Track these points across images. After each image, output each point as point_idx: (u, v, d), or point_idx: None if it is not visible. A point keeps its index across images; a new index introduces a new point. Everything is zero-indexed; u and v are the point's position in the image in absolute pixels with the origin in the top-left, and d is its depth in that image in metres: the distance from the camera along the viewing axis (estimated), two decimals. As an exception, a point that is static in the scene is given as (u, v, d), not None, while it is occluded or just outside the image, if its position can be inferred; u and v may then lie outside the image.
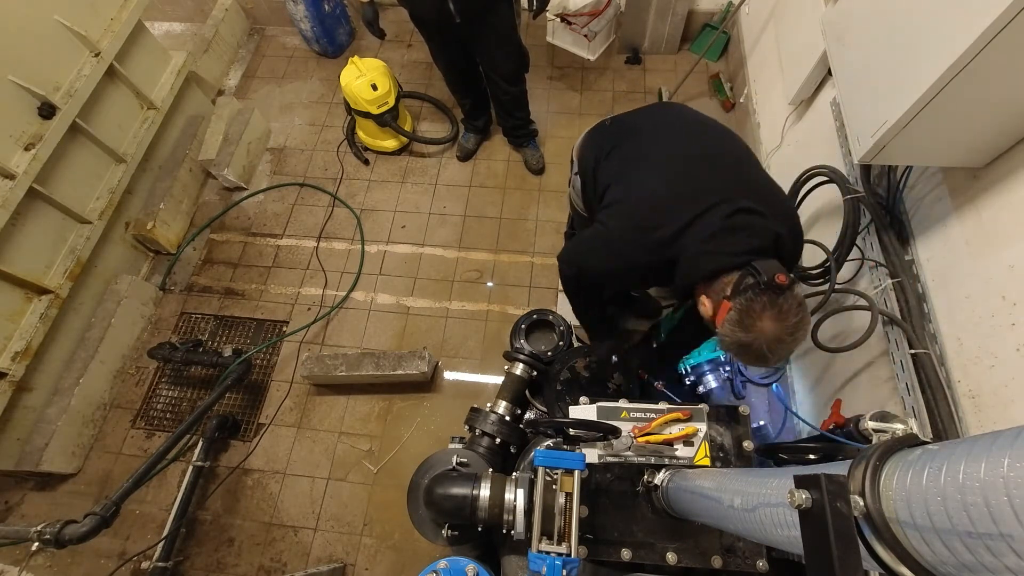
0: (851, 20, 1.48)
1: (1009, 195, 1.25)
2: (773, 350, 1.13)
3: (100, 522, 1.76)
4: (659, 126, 1.52)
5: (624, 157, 1.48)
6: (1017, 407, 1.17)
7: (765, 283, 1.11)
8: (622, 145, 1.52)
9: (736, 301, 1.15)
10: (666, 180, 1.36)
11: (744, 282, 1.15)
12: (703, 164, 1.37)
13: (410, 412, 2.63)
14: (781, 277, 1.11)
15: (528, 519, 1.29)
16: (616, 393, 1.88)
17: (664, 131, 1.50)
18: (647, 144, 1.46)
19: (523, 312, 2.21)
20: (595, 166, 1.58)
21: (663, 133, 1.49)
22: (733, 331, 1.16)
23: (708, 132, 1.51)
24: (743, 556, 1.30)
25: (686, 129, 1.50)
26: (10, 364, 2.29)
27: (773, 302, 1.12)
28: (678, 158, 1.40)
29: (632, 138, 1.51)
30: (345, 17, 3.76)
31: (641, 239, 1.32)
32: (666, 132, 1.50)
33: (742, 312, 1.14)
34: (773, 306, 1.12)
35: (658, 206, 1.33)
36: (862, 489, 0.54)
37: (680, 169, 1.37)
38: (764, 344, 1.12)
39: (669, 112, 1.62)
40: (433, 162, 3.34)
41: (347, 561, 2.35)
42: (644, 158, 1.44)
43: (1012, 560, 0.42)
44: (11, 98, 2.27)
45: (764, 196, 1.32)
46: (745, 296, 1.14)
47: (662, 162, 1.40)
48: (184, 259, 3.08)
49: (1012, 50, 0.98)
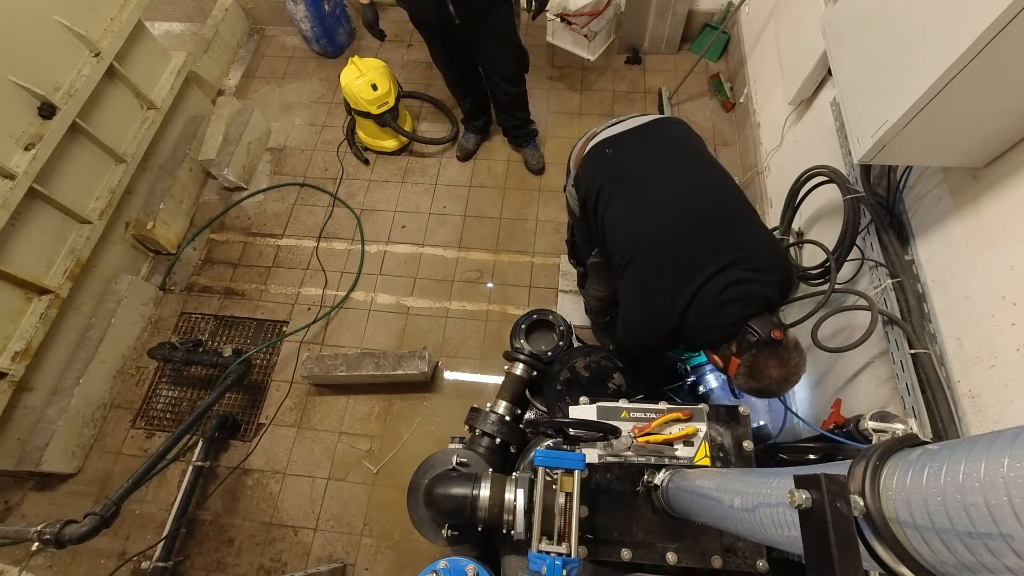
0: (851, 20, 1.48)
1: (1009, 195, 1.25)
2: (782, 387, 1.35)
3: (100, 522, 1.76)
4: (658, 176, 1.56)
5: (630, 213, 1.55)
6: (1017, 407, 1.17)
7: (764, 341, 1.30)
8: (625, 190, 1.57)
9: (744, 359, 1.34)
10: (668, 260, 1.46)
11: (746, 340, 1.33)
12: (699, 230, 1.46)
13: (410, 412, 2.63)
14: (776, 333, 1.30)
15: (528, 519, 1.29)
16: (616, 393, 1.88)
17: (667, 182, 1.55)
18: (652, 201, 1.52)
19: (523, 312, 2.21)
20: (596, 200, 1.63)
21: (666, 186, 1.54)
22: (747, 381, 1.36)
23: (705, 184, 1.56)
24: (743, 556, 1.29)
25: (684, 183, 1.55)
26: (10, 364, 2.29)
27: (774, 353, 1.31)
28: (677, 222, 1.48)
29: (636, 189, 1.56)
30: (345, 17, 3.76)
31: (651, 315, 1.49)
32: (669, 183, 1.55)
33: (751, 367, 1.33)
34: (775, 356, 1.31)
35: (663, 293, 1.45)
36: (862, 489, 0.54)
37: (682, 238, 1.46)
38: (774, 385, 1.34)
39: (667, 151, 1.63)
40: (433, 162, 3.34)
41: (347, 561, 2.35)
42: (648, 221, 1.51)
43: (1012, 560, 0.42)
44: (11, 98, 2.27)
45: (755, 257, 1.43)
46: (750, 353, 1.33)
47: (666, 226, 1.49)
48: (184, 259, 3.09)
49: (1012, 50, 0.98)
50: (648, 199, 1.52)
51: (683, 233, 1.45)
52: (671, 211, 1.49)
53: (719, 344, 1.40)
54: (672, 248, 1.45)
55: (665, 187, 1.53)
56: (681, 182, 1.54)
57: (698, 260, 1.40)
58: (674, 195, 1.51)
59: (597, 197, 1.61)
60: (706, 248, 1.41)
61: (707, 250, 1.41)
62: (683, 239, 1.45)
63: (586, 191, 1.67)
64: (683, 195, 1.51)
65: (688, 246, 1.44)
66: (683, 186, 1.53)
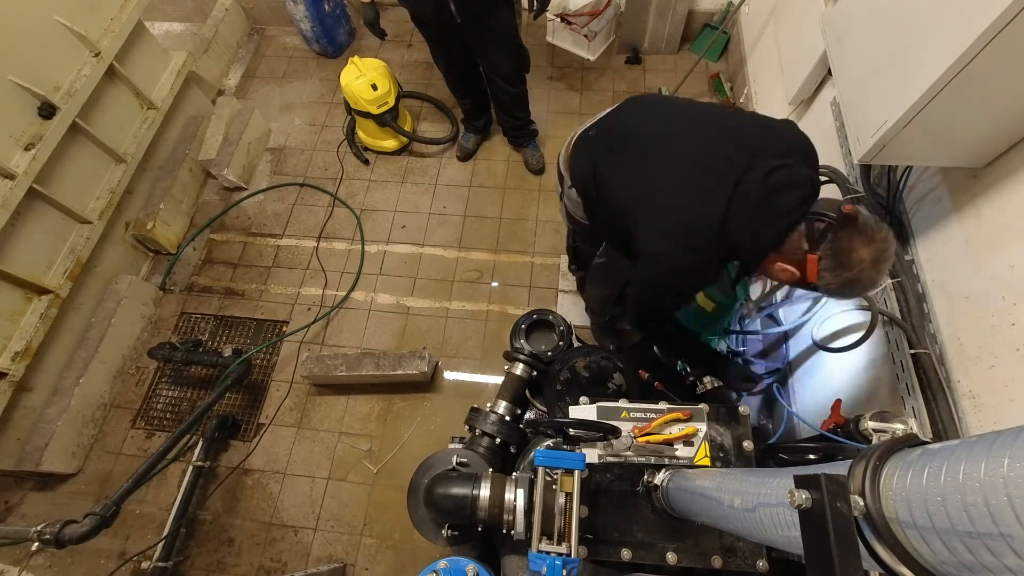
0: (851, 20, 1.48)
1: (1009, 195, 1.25)
2: (879, 268, 1.14)
3: (100, 522, 1.76)
4: (648, 123, 1.48)
5: (631, 169, 1.45)
6: (1017, 407, 1.17)
7: (838, 219, 1.12)
8: (619, 155, 1.48)
9: (822, 250, 1.15)
10: (685, 179, 1.34)
11: (815, 230, 1.15)
12: (709, 145, 1.35)
13: (410, 412, 2.63)
14: (847, 208, 1.12)
15: (528, 519, 1.29)
16: (616, 393, 1.88)
17: (657, 125, 1.46)
18: (648, 147, 1.43)
19: (523, 312, 2.21)
20: (595, 183, 1.53)
21: (657, 128, 1.46)
22: (836, 274, 1.15)
23: (693, 111, 1.49)
24: (743, 556, 1.30)
25: (675, 117, 1.47)
26: (10, 364, 2.29)
27: (855, 230, 1.12)
28: (684, 149, 1.37)
29: (628, 145, 1.48)
30: (345, 17, 3.76)
31: (693, 249, 1.31)
32: (659, 126, 1.46)
33: (835, 255, 1.14)
34: (857, 233, 1.12)
35: (690, 207, 1.30)
36: (862, 489, 0.54)
37: (692, 159, 1.34)
38: (870, 269, 1.13)
39: (649, 105, 1.59)
40: (433, 162, 3.34)
41: (347, 561, 2.35)
42: (652, 163, 1.41)
43: (1012, 560, 0.42)
44: (11, 98, 2.27)
45: (779, 142, 1.31)
46: (827, 240, 1.14)
47: (672, 160, 1.38)
48: (184, 259, 3.08)
49: (1012, 50, 0.98)
50: (646, 148, 1.42)
51: (695, 159, 1.33)
52: (674, 147, 1.39)
53: (782, 243, 1.20)
54: (688, 174, 1.33)
55: (659, 131, 1.43)
56: (675, 123, 1.44)
57: (721, 165, 1.27)
58: (671, 135, 1.41)
59: (595, 176, 1.52)
60: (725, 153, 1.29)
61: (727, 154, 1.28)
62: (696, 163, 1.32)
63: (583, 179, 1.60)
64: (680, 131, 1.41)
65: (705, 160, 1.31)
66: (679, 125, 1.43)
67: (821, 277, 1.17)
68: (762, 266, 1.29)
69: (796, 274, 1.22)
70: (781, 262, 1.23)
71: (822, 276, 1.17)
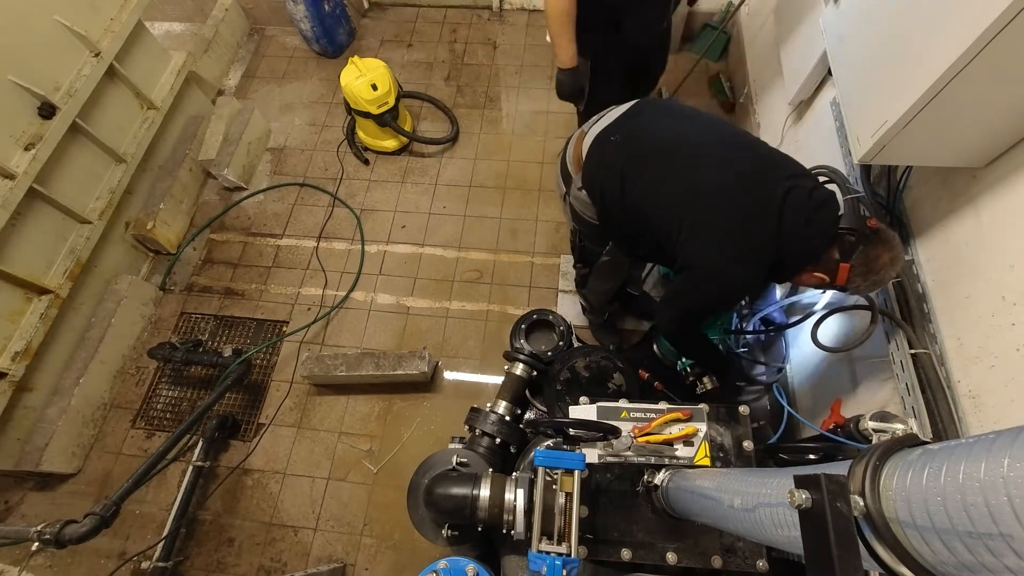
0: (851, 20, 1.48)
1: (1009, 195, 1.25)
2: (895, 268, 1.34)
3: (100, 522, 1.76)
4: (678, 135, 1.52)
5: (668, 182, 1.47)
6: (1017, 407, 1.17)
7: (868, 233, 1.30)
8: (653, 166, 1.50)
9: (854, 259, 1.31)
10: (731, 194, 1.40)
11: (847, 241, 1.31)
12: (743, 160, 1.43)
13: (410, 412, 2.64)
14: (872, 222, 1.30)
15: (528, 519, 1.29)
16: (616, 393, 1.88)
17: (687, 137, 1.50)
18: (682, 159, 1.47)
19: (523, 312, 2.21)
20: (621, 192, 1.55)
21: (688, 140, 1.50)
22: (865, 279, 1.32)
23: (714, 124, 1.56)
24: (743, 556, 1.30)
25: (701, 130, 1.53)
26: (10, 364, 2.29)
27: (879, 240, 1.30)
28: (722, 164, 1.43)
29: (660, 156, 1.50)
30: (345, 17, 3.76)
31: (747, 263, 1.40)
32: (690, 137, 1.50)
33: (865, 262, 1.30)
34: (881, 243, 1.30)
35: (743, 223, 1.38)
36: (862, 489, 0.54)
37: (731, 174, 1.41)
38: (889, 270, 1.33)
39: (671, 114, 1.60)
40: (433, 162, 3.34)
41: (347, 561, 2.35)
42: (691, 177, 1.45)
43: (1012, 560, 0.42)
44: (11, 98, 2.26)
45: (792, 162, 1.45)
46: (858, 251, 1.30)
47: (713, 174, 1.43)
48: (184, 259, 3.09)
49: (1012, 50, 0.98)
50: (681, 159, 1.47)
51: (735, 173, 1.41)
52: (710, 160, 1.45)
53: (822, 254, 1.34)
54: (733, 188, 1.40)
55: (690, 142, 1.49)
56: (701, 134, 1.51)
57: (764, 187, 1.37)
58: (703, 146, 1.48)
59: (622, 182, 1.54)
60: (763, 176, 1.39)
61: (766, 177, 1.39)
62: (738, 177, 1.41)
63: (604, 182, 1.60)
64: (711, 143, 1.48)
65: (747, 180, 1.40)
66: (706, 137, 1.50)
67: (852, 281, 1.33)
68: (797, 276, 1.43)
69: (826, 280, 1.37)
70: (815, 271, 1.38)
71: (853, 280, 1.33)
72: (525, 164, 3.30)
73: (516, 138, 3.40)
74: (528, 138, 3.39)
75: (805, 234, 1.33)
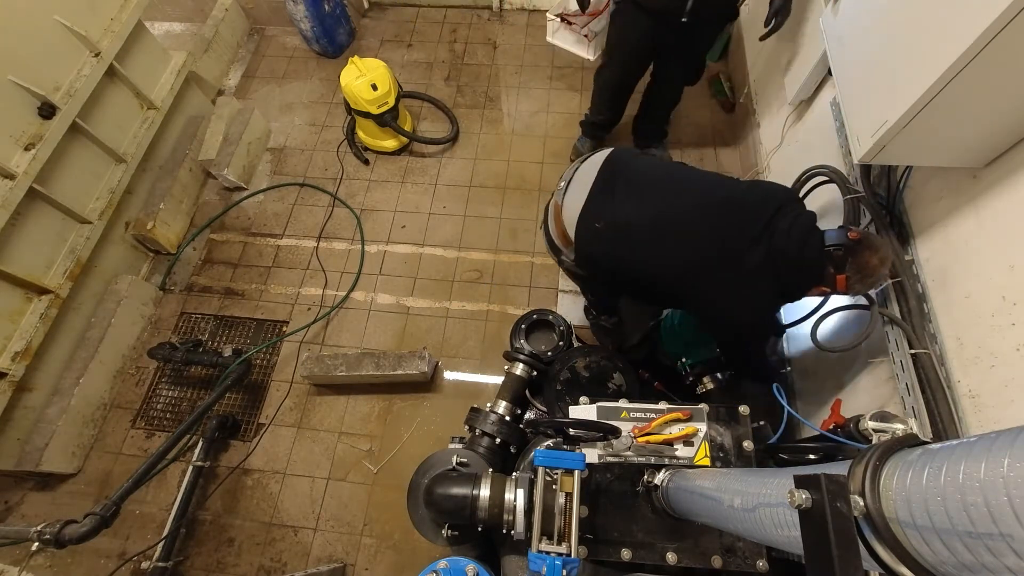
0: (851, 21, 1.48)
1: (1009, 195, 1.25)
2: (887, 266, 1.44)
3: (100, 522, 1.76)
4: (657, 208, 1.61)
5: (665, 255, 1.60)
6: (1017, 407, 1.17)
7: (852, 245, 1.40)
8: (638, 243, 1.62)
9: (848, 270, 1.42)
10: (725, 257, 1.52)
11: (835, 257, 1.42)
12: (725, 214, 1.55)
13: (410, 412, 2.63)
14: (853, 234, 1.41)
15: (528, 519, 1.29)
16: (616, 393, 1.88)
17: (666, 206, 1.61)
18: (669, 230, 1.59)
19: (523, 312, 2.21)
20: (619, 270, 1.70)
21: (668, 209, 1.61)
22: (862, 282, 1.44)
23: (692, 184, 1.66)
24: (743, 556, 1.30)
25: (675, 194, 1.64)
26: (10, 364, 2.29)
27: (864, 248, 1.40)
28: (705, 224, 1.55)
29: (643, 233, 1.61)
30: (345, 17, 3.76)
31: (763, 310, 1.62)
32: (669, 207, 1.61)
33: (860, 271, 1.41)
34: (867, 249, 1.40)
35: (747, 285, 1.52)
36: (862, 489, 0.54)
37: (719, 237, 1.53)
38: (883, 269, 1.43)
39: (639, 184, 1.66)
40: (433, 162, 3.34)
41: (347, 561, 2.35)
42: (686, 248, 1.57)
43: (1012, 560, 0.42)
44: (11, 98, 2.26)
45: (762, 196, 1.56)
46: (848, 263, 1.41)
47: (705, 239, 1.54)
48: (184, 259, 3.08)
49: (1012, 50, 0.98)
50: (670, 240, 1.59)
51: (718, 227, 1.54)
52: (693, 230, 1.56)
53: (823, 272, 1.45)
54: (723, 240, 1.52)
55: (670, 218, 1.60)
56: (676, 202, 1.61)
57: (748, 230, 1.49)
58: (682, 217, 1.59)
59: (618, 264, 1.67)
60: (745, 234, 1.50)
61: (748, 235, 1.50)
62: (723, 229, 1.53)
63: (600, 264, 1.73)
64: (688, 211, 1.59)
65: (732, 230, 1.52)
66: (682, 204, 1.61)
67: (851, 287, 1.44)
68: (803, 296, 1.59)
69: (827, 291, 1.50)
70: (817, 288, 1.51)
71: (853, 287, 1.44)
72: (525, 164, 3.30)
73: (516, 138, 3.40)
74: (528, 138, 3.39)
75: (799, 267, 1.46)
